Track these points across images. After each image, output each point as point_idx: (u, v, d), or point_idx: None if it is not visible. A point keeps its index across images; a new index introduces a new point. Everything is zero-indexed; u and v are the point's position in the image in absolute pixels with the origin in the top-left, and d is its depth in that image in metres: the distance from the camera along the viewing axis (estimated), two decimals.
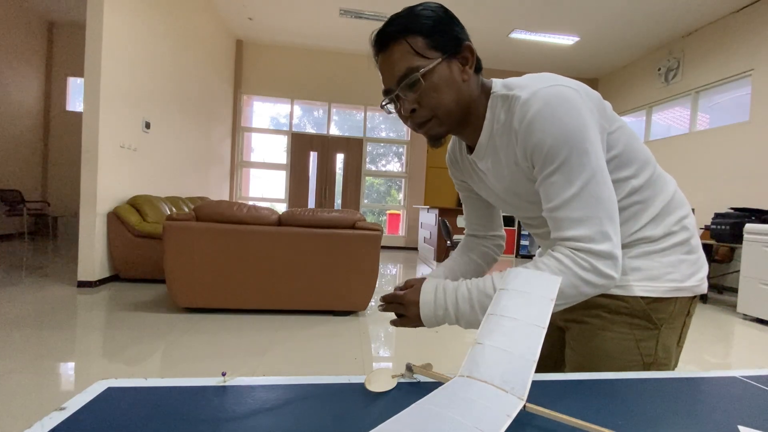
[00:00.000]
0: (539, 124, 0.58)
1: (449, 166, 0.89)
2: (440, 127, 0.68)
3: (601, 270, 0.57)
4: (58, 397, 1.71)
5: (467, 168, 0.82)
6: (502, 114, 0.66)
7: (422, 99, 0.64)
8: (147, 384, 0.46)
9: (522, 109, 0.60)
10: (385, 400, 0.46)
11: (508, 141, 0.65)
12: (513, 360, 0.46)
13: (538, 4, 5.35)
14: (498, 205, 0.84)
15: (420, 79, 0.63)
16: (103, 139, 3.56)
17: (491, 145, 0.69)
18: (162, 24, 4.50)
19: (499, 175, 0.71)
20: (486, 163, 0.72)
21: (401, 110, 0.67)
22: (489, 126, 0.68)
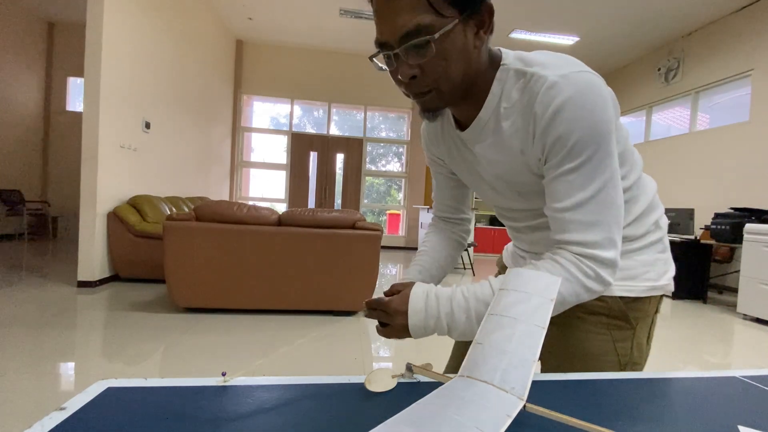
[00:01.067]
0: (569, 114, 0.52)
1: (425, 138, 0.79)
2: (440, 101, 0.58)
3: (604, 278, 0.55)
4: (58, 397, 1.71)
5: (450, 144, 0.72)
6: (515, 92, 0.57)
7: (427, 66, 0.53)
8: (147, 384, 0.46)
9: (549, 92, 0.53)
10: (385, 400, 0.46)
11: (522, 125, 0.57)
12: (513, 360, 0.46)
13: (538, 4, 5.35)
14: (478, 190, 0.75)
15: (431, 44, 0.51)
16: (103, 139, 3.56)
17: (492, 125, 0.60)
18: (162, 24, 4.50)
19: (495, 160, 0.63)
20: (481, 144, 0.63)
21: (397, 72, 0.55)
22: (494, 102, 0.59)
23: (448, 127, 0.70)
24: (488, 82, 0.59)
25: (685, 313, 3.87)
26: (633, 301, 0.67)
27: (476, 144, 0.64)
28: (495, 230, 7.52)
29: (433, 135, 0.77)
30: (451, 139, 0.71)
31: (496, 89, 0.59)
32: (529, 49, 0.63)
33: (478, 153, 0.64)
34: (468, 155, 0.68)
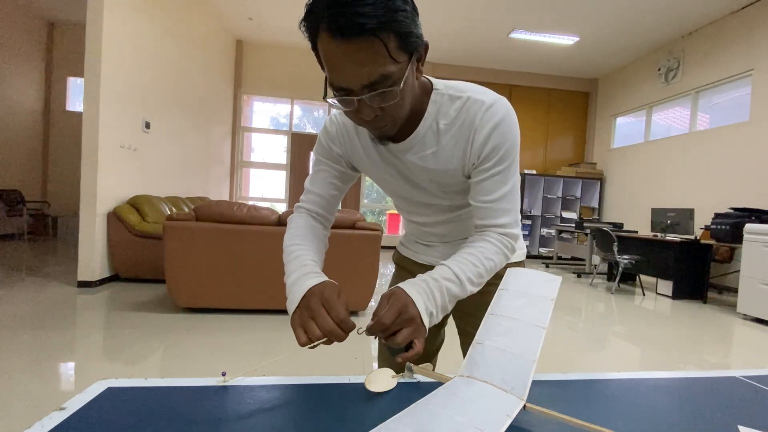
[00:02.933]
0: (503, 130, 0.67)
1: (329, 140, 0.81)
2: (393, 129, 0.66)
3: (514, 248, 0.74)
4: (58, 397, 1.71)
5: (371, 152, 0.77)
6: (453, 111, 0.69)
7: (387, 109, 0.60)
8: (147, 384, 0.46)
9: (488, 112, 0.67)
10: (385, 400, 0.46)
11: (462, 137, 0.69)
12: (513, 360, 0.46)
13: (538, 4, 5.35)
14: (396, 189, 0.82)
15: (395, 91, 0.57)
16: (103, 139, 3.56)
17: (431, 138, 0.71)
18: (162, 24, 4.50)
19: (431, 168, 0.73)
20: (418, 154, 0.72)
21: (358, 113, 0.60)
22: (430, 120, 0.70)
23: (372, 143, 0.76)
24: (423, 104, 0.70)
25: (685, 313, 3.87)
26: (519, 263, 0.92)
27: (412, 154, 0.73)
28: None
29: (346, 137, 0.79)
30: (374, 146, 0.77)
31: (431, 109, 0.70)
32: (530, 50, 0.65)
33: (412, 161, 0.73)
34: (396, 163, 0.76)
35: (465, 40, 6.54)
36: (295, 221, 0.81)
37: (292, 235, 0.78)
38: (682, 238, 4.47)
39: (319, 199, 0.83)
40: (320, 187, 0.83)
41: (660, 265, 4.57)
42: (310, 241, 0.77)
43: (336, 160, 0.82)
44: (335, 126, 0.80)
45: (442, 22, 6.03)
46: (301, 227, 0.80)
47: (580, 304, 4.12)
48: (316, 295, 0.58)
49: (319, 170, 0.83)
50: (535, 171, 7.87)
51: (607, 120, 7.67)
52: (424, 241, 0.93)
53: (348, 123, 0.79)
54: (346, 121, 0.78)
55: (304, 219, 0.82)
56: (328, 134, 0.81)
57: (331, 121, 0.81)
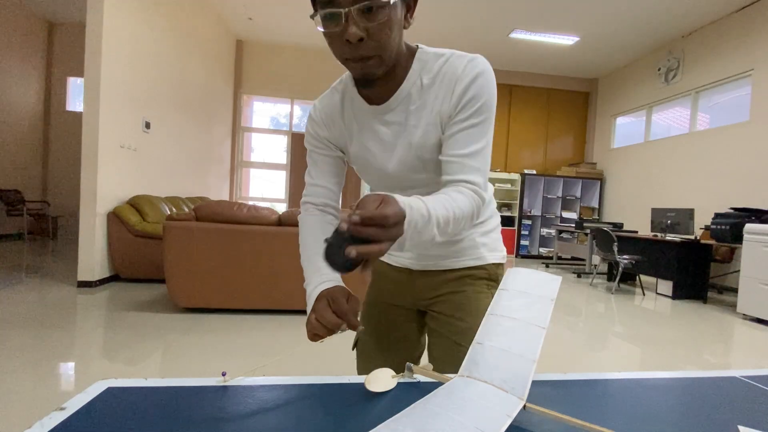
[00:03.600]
0: (483, 81, 0.67)
1: (315, 127, 0.80)
2: (379, 68, 0.62)
3: (480, 210, 0.69)
4: (58, 397, 1.71)
5: (353, 123, 0.76)
6: (436, 67, 0.69)
7: (374, 31, 0.58)
8: (147, 384, 0.46)
9: (471, 63, 0.68)
10: (385, 400, 0.46)
11: (441, 90, 0.68)
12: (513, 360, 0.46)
13: (538, 4, 5.35)
14: (372, 169, 0.78)
15: (386, 8, 0.57)
16: (103, 139, 3.56)
17: (415, 95, 0.70)
18: (162, 24, 4.50)
19: (413, 125, 0.70)
20: (402, 112, 0.71)
21: (343, 33, 0.57)
22: (415, 76, 0.69)
23: (354, 106, 0.75)
24: (408, 62, 0.70)
25: (685, 313, 3.87)
26: (497, 266, 0.88)
27: (395, 114, 0.71)
28: (506, 230, 7.51)
29: (329, 118, 0.79)
30: (356, 117, 0.76)
31: (416, 66, 0.70)
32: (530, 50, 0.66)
33: (395, 121, 0.72)
34: (380, 128, 0.73)
35: (465, 40, 6.54)
36: (306, 221, 0.81)
37: (305, 236, 0.78)
38: (682, 238, 4.47)
39: (322, 190, 0.82)
40: (320, 178, 0.82)
41: (660, 265, 4.57)
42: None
43: (326, 146, 0.81)
44: (318, 111, 0.80)
45: (442, 22, 6.03)
46: (313, 227, 0.79)
47: (580, 304, 4.12)
48: (324, 297, 0.64)
49: (314, 161, 0.82)
50: (535, 171, 7.87)
51: (607, 120, 7.67)
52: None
53: (330, 104, 0.78)
54: (327, 103, 0.79)
55: (314, 216, 0.81)
56: (313, 121, 0.80)
57: (314, 108, 0.81)
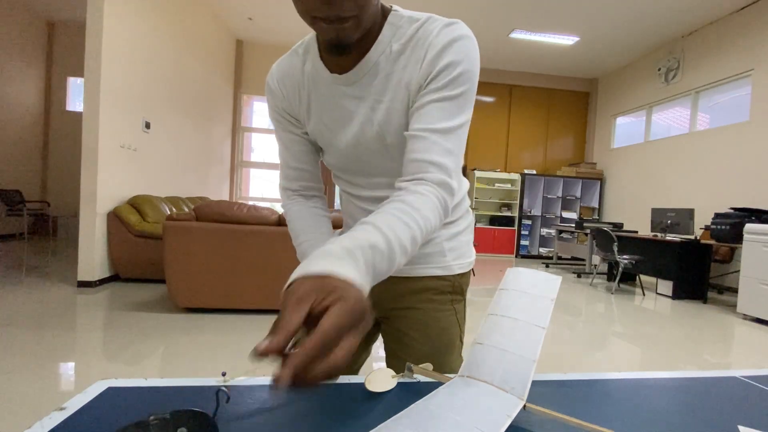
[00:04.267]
0: (462, 46, 0.58)
1: (273, 98, 0.70)
2: (355, 31, 0.53)
3: (449, 209, 0.58)
4: (58, 397, 1.71)
5: (316, 96, 0.67)
6: (410, 31, 0.60)
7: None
8: (147, 384, 0.46)
9: (447, 28, 0.58)
10: (385, 400, 0.46)
11: (412, 58, 0.59)
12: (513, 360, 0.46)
13: (538, 4, 5.35)
14: (335, 147, 0.69)
15: None
16: (103, 139, 3.56)
17: (383, 64, 0.60)
18: (162, 24, 4.50)
19: (379, 99, 0.62)
20: (361, 85, 0.62)
21: None
22: (385, 43, 0.60)
23: (314, 73, 0.65)
24: (378, 27, 0.60)
25: (685, 313, 3.87)
26: (463, 275, 0.76)
27: (359, 85, 0.62)
28: (495, 230, 7.52)
29: (286, 86, 0.68)
30: (315, 86, 0.66)
31: (387, 32, 0.60)
32: (530, 50, 0.63)
33: (357, 94, 0.62)
34: (340, 101, 0.64)
35: None
36: (293, 212, 0.74)
37: (296, 228, 0.72)
38: (682, 238, 4.47)
39: (298, 173, 0.74)
40: (293, 159, 0.73)
41: (660, 265, 4.57)
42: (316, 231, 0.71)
43: (288, 121, 0.71)
44: (274, 78, 0.70)
45: None
46: (302, 216, 0.73)
47: (580, 304, 4.12)
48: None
49: (282, 140, 0.73)
50: (535, 171, 7.87)
51: (607, 120, 7.67)
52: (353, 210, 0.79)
53: (289, 70, 0.68)
54: (285, 68, 0.68)
55: (299, 205, 0.74)
56: (270, 90, 0.71)
57: (270, 74, 0.71)
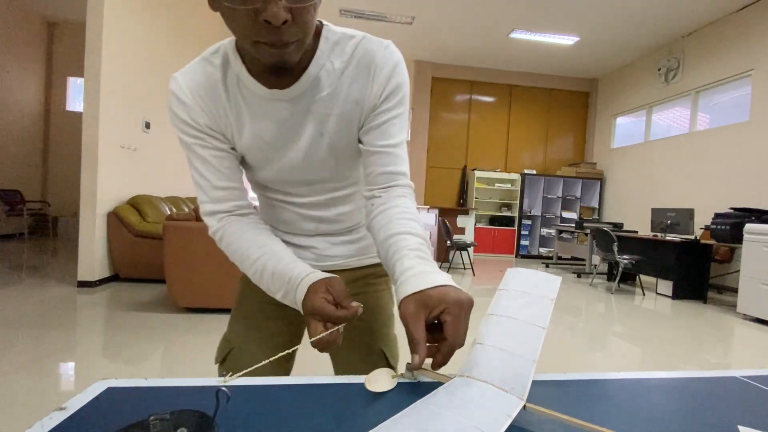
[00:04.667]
0: (402, 71, 0.63)
1: (188, 112, 0.62)
2: (297, 53, 0.54)
3: None
4: (58, 397, 1.71)
5: (245, 110, 0.63)
6: (348, 49, 0.62)
7: (299, 15, 0.50)
8: (147, 384, 0.46)
9: (387, 50, 0.62)
10: (385, 400, 0.46)
11: (359, 75, 0.62)
12: (513, 360, 0.46)
13: (538, 4, 5.35)
14: (272, 161, 0.67)
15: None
16: (103, 139, 3.56)
17: (325, 79, 0.62)
18: (162, 24, 4.50)
19: (326, 114, 0.63)
20: (304, 100, 0.62)
21: (264, 12, 0.48)
22: (323, 58, 0.61)
23: (244, 88, 0.62)
24: (314, 41, 0.61)
25: (685, 313, 3.87)
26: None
27: (304, 101, 0.62)
28: (495, 230, 7.52)
29: (207, 99, 0.62)
30: (246, 101, 0.63)
31: (324, 47, 0.61)
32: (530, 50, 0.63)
33: (302, 109, 0.63)
34: (282, 116, 0.63)
35: (465, 40, 6.54)
36: (231, 232, 0.64)
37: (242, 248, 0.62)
38: (682, 238, 4.47)
39: (230, 192, 0.65)
40: (224, 177, 0.64)
41: (660, 265, 4.57)
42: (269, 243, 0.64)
43: (211, 136, 0.64)
44: (187, 90, 0.61)
45: (442, 22, 6.03)
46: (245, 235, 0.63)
47: (580, 304, 4.12)
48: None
49: (202, 158, 0.63)
50: (535, 171, 7.87)
51: (607, 120, 7.67)
52: (296, 232, 0.77)
53: (206, 81, 0.62)
54: (201, 80, 0.62)
55: (237, 224, 0.65)
56: (183, 104, 0.62)
57: (177, 85, 0.62)
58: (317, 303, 0.52)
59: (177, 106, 0.62)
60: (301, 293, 0.56)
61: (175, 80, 0.62)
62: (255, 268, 0.62)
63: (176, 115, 0.62)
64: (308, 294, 0.54)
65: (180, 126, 0.63)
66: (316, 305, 0.52)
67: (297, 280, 0.57)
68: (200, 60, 0.63)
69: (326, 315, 0.51)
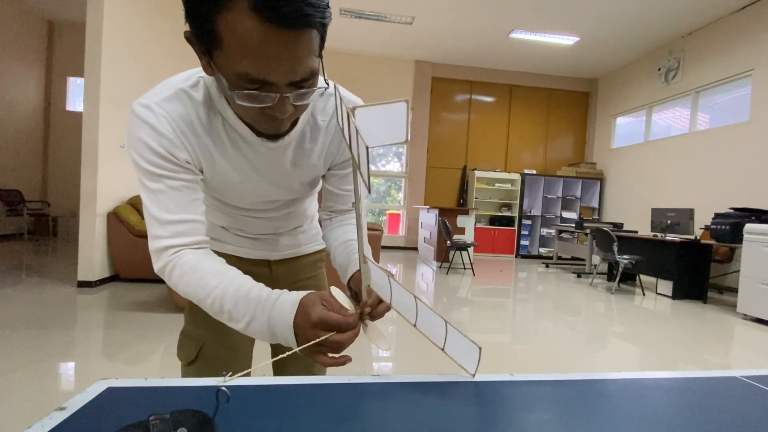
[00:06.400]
0: None
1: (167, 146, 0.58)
2: (288, 124, 0.60)
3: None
4: (58, 397, 1.71)
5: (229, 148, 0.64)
6: (329, 108, 0.69)
7: (300, 105, 0.55)
8: (147, 384, 0.46)
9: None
10: (385, 400, 0.46)
11: (336, 134, 0.71)
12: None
13: (538, 4, 5.35)
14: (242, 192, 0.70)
15: (315, 82, 0.54)
16: (103, 139, 3.56)
17: (309, 133, 0.68)
18: (162, 24, 4.49)
19: (306, 164, 0.70)
20: (292, 149, 0.67)
21: (275, 110, 0.51)
22: (308, 114, 0.66)
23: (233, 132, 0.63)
24: None
25: (685, 313, 3.87)
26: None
27: (290, 150, 0.67)
28: (495, 230, 7.52)
29: (190, 135, 0.60)
30: (231, 141, 0.63)
31: (310, 104, 0.66)
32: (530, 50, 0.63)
33: (289, 157, 0.68)
34: (268, 161, 0.67)
35: (465, 40, 6.54)
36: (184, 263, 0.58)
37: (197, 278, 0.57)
38: (682, 238, 4.47)
39: (194, 226, 0.60)
40: (192, 209, 0.60)
41: (660, 265, 4.57)
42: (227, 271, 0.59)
43: (186, 169, 0.60)
44: (167, 122, 0.58)
45: (442, 22, 6.03)
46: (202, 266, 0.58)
47: (580, 304, 4.12)
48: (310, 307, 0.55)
49: (175, 188, 0.59)
50: (535, 171, 7.87)
51: (607, 120, 7.67)
52: (252, 232, 0.82)
53: (186, 115, 0.59)
54: (181, 113, 0.59)
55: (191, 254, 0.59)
56: (162, 136, 0.57)
57: (154, 115, 0.57)
58: (322, 314, 0.51)
59: (150, 137, 0.57)
60: (282, 311, 0.52)
61: (148, 109, 0.57)
62: (214, 297, 0.56)
63: (147, 145, 0.57)
64: (303, 308, 0.52)
65: (150, 158, 0.57)
66: (323, 315, 0.50)
67: (271, 301, 0.54)
68: (178, 91, 0.59)
69: (336, 322, 0.51)
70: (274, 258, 0.86)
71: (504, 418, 0.42)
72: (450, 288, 4.57)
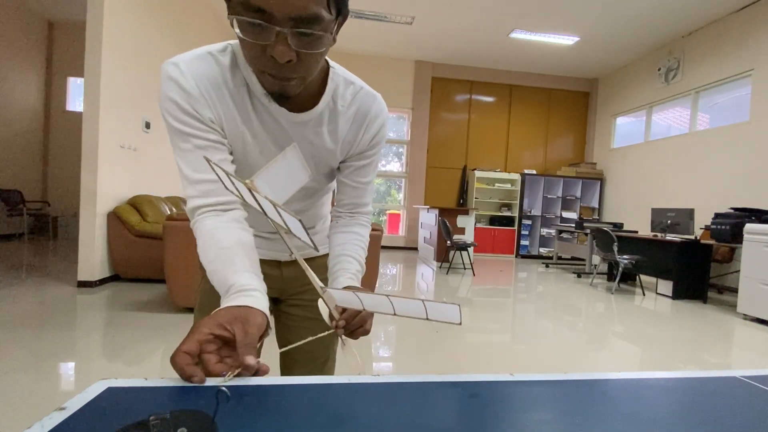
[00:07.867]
0: (387, 122, 0.77)
1: (191, 102, 0.60)
2: (298, 87, 0.57)
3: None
4: (58, 397, 1.71)
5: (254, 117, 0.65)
6: (348, 95, 0.70)
7: (304, 57, 0.52)
8: (147, 384, 0.45)
9: (379, 106, 0.73)
10: (384, 400, 0.46)
11: (356, 123, 0.72)
12: None
13: (538, 4, 5.35)
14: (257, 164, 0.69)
15: (321, 39, 0.52)
16: (103, 139, 3.56)
17: (327, 117, 0.69)
18: (162, 23, 4.49)
19: (320, 145, 0.71)
20: (310, 129, 0.67)
21: (270, 49, 0.50)
22: (329, 97, 0.67)
23: (258, 100, 0.64)
24: (322, 79, 0.67)
25: (685, 313, 3.87)
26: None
27: (308, 128, 0.68)
28: (495, 230, 7.52)
29: (213, 95, 0.61)
30: (256, 110, 0.64)
31: (330, 87, 0.67)
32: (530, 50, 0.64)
33: (304, 135, 0.68)
34: (284, 133, 0.67)
35: (465, 40, 6.54)
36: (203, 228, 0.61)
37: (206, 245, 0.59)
38: (682, 238, 4.47)
39: (219, 186, 0.61)
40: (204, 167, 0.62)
41: (660, 265, 4.57)
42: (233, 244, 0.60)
43: (211, 129, 0.62)
44: (192, 79, 0.59)
45: (442, 22, 6.03)
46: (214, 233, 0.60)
47: (580, 304, 4.12)
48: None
49: (201, 147, 0.62)
50: (535, 171, 7.88)
51: (607, 120, 7.67)
52: (267, 231, 0.83)
53: (212, 75, 0.60)
54: (207, 72, 0.60)
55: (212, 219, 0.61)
56: (186, 94, 0.59)
57: (179, 71, 0.59)
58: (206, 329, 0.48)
59: (177, 94, 0.59)
60: (227, 300, 0.54)
61: (175, 66, 0.59)
62: (209, 271, 0.59)
63: (175, 103, 0.59)
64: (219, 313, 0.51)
65: (177, 114, 0.60)
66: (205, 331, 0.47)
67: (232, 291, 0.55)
68: (206, 53, 0.61)
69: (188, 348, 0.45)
70: (285, 259, 0.86)
71: (504, 418, 0.42)
72: (450, 288, 4.57)
